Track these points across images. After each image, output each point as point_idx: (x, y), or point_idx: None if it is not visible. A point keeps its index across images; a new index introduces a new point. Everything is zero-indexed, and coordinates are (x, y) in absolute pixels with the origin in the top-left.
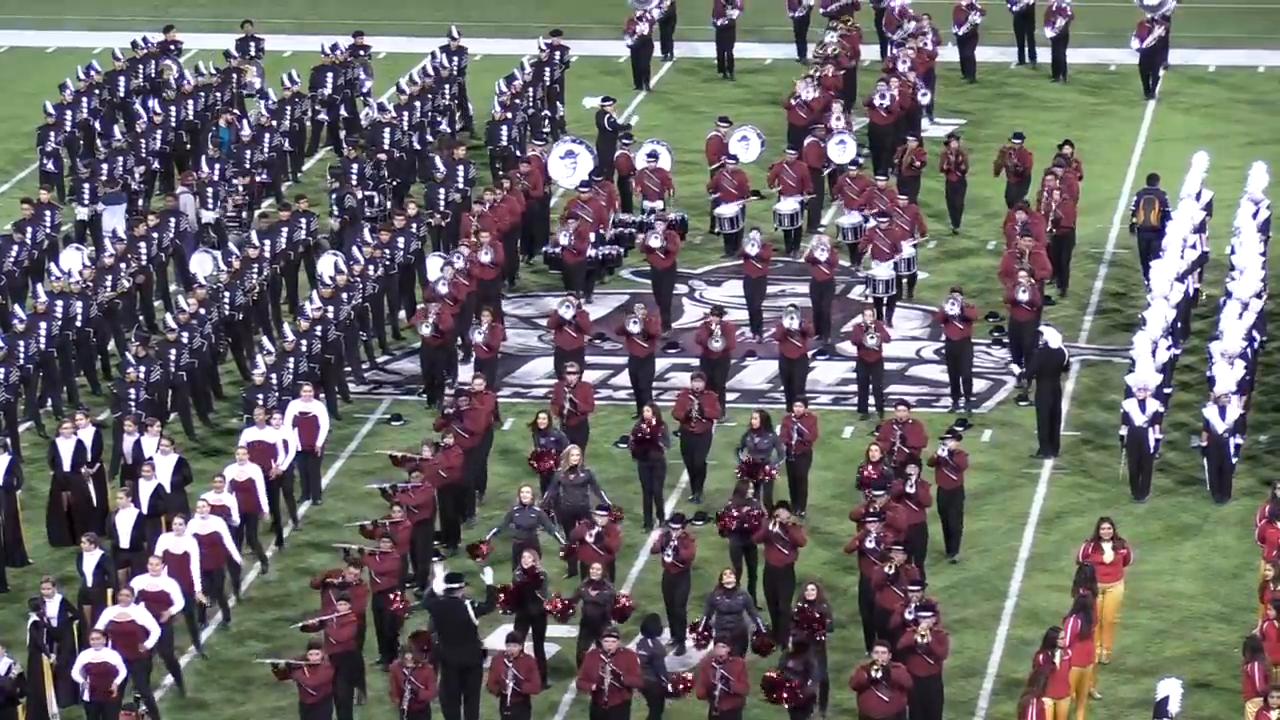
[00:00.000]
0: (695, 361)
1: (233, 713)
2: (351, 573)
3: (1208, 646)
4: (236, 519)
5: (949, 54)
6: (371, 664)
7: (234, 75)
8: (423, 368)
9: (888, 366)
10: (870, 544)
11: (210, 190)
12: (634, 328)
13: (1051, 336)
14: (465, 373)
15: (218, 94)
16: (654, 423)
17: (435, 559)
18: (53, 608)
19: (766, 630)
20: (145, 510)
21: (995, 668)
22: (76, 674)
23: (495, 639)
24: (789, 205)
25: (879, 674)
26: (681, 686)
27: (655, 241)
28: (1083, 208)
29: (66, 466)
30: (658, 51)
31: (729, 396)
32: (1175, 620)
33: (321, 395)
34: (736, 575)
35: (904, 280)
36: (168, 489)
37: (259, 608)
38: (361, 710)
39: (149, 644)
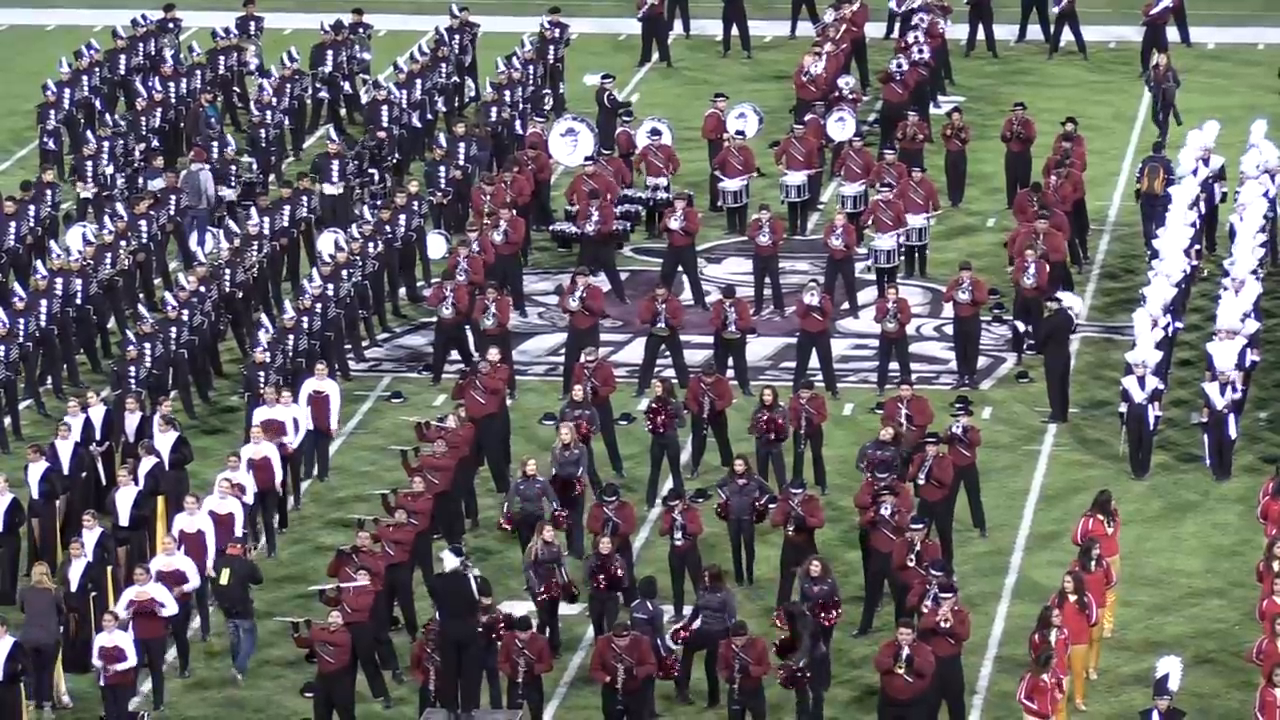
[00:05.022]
0: (696, 350)
1: (236, 693)
2: (363, 537)
3: (1208, 624)
4: (251, 498)
5: (959, 32)
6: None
7: (220, 56)
8: (436, 343)
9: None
10: (885, 512)
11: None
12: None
13: (1070, 300)
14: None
15: (206, 72)
16: (665, 398)
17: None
18: (76, 570)
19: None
20: (143, 488)
21: (995, 647)
22: (94, 659)
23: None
24: (796, 178)
25: (904, 654)
26: (668, 670)
27: (675, 223)
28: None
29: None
30: (678, 29)
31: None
32: (1175, 597)
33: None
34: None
35: (914, 251)
36: (166, 467)
37: (266, 586)
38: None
39: (166, 613)
